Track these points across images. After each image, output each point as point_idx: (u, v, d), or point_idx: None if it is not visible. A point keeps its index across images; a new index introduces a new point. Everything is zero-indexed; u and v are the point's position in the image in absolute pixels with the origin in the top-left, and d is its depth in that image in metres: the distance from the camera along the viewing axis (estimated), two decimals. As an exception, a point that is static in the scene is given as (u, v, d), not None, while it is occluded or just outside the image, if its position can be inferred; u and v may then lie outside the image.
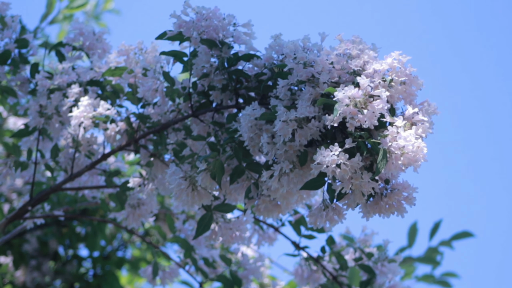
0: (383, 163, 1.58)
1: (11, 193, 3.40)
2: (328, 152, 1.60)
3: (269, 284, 3.12)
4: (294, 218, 2.40)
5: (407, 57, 1.68)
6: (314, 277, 2.46)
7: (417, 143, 1.58)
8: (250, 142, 1.78)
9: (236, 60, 1.93)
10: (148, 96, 2.07)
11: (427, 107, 1.67)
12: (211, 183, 1.83)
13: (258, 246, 2.51)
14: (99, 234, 3.36)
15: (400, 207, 1.66)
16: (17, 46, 2.24)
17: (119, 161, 2.85)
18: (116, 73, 2.15)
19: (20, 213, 2.26)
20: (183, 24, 1.92)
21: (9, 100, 2.27)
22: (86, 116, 2.06)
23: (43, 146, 2.29)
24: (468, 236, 3.44)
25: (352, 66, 1.70)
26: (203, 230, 1.94)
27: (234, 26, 1.95)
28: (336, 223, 1.71)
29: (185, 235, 2.52)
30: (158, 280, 2.40)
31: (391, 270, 2.37)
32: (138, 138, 2.12)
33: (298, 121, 1.68)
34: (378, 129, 1.64)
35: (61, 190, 2.25)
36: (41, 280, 3.38)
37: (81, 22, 2.31)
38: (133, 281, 3.96)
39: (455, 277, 3.52)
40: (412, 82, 1.68)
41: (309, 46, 1.81)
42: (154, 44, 2.14)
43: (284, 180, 1.72)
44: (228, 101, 1.98)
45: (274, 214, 1.89)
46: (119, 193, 2.22)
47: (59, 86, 2.17)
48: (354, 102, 1.61)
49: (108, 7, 4.21)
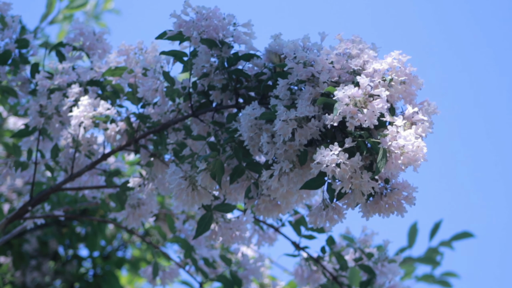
0: (383, 163, 1.58)
1: (11, 193, 3.40)
2: (328, 152, 1.60)
3: (269, 284, 3.12)
4: (294, 218, 2.40)
5: (407, 57, 1.68)
6: (314, 277, 2.46)
7: (417, 143, 1.58)
8: (250, 141, 1.78)
9: (236, 59, 1.93)
10: (148, 96, 2.07)
11: (427, 106, 1.67)
12: (211, 183, 1.83)
13: (258, 246, 2.51)
14: (99, 234, 3.36)
15: (400, 206, 1.66)
16: (18, 46, 2.24)
17: (119, 161, 2.84)
18: (116, 73, 2.15)
19: (20, 213, 2.25)
20: (183, 24, 1.92)
21: (9, 100, 2.27)
22: (86, 116, 2.06)
23: (43, 146, 2.29)
24: (468, 237, 3.44)
25: (352, 65, 1.70)
26: (203, 230, 1.94)
27: (234, 26, 1.95)
28: (336, 223, 1.70)
29: (185, 235, 2.52)
30: (158, 280, 2.40)
31: (391, 270, 2.36)
32: (138, 138, 2.12)
33: (298, 120, 1.68)
34: (378, 129, 1.64)
35: (61, 190, 2.25)
36: (41, 280, 3.38)
37: (81, 22, 2.30)
38: (133, 281, 3.96)
39: (455, 277, 3.52)
40: (412, 82, 1.68)
41: (309, 46, 1.81)
42: (154, 44, 2.14)
43: (284, 179, 1.72)
44: (228, 101, 1.98)
45: (274, 214, 1.89)
46: (119, 193, 2.22)
47: (59, 86, 2.17)
48: (354, 102, 1.61)
49: (108, 7, 4.21)
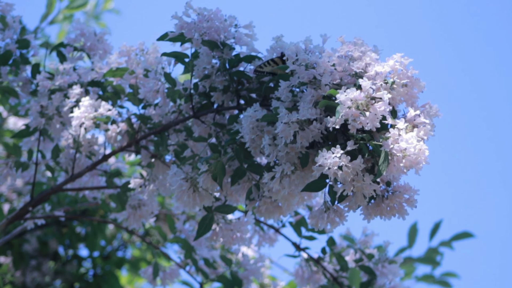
0: (384, 165, 1.58)
1: (12, 193, 3.40)
2: (329, 154, 1.60)
3: (269, 284, 3.12)
4: (295, 219, 2.40)
5: (409, 59, 1.68)
6: (314, 278, 2.46)
7: (419, 146, 1.58)
8: (251, 143, 1.77)
9: (238, 61, 1.93)
10: (149, 97, 2.06)
11: (428, 109, 1.67)
12: (212, 184, 1.83)
13: (259, 247, 2.51)
14: (99, 234, 3.36)
15: (401, 209, 1.66)
16: (18, 47, 2.24)
17: (120, 162, 2.84)
18: (117, 74, 2.15)
19: (20, 213, 2.25)
20: (185, 25, 1.92)
21: (10, 101, 2.27)
22: (87, 117, 2.06)
23: (44, 146, 2.29)
24: (468, 237, 3.44)
25: (354, 68, 1.69)
26: (204, 231, 1.94)
27: (236, 28, 1.95)
28: (337, 225, 1.71)
29: (185, 235, 2.52)
30: (159, 281, 2.40)
31: (392, 271, 2.36)
32: (139, 139, 2.12)
33: (299, 123, 1.68)
34: (380, 131, 1.64)
35: (61, 191, 2.25)
36: (41, 280, 3.38)
37: (82, 22, 2.30)
38: (133, 281, 3.96)
39: (455, 277, 3.52)
40: (414, 84, 1.68)
41: (311, 48, 1.80)
42: (155, 45, 2.14)
43: (285, 181, 1.72)
44: (229, 102, 1.98)
45: (275, 216, 1.89)
46: (119, 194, 2.21)
47: (60, 87, 2.16)
48: (356, 104, 1.61)
49: (108, 7, 4.20)
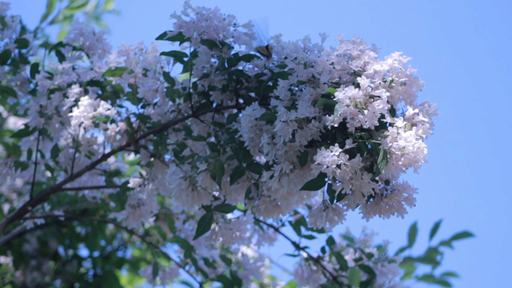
0: (383, 164, 1.58)
1: (11, 193, 3.40)
2: (328, 153, 1.60)
3: (269, 284, 3.12)
4: (294, 218, 2.40)
5: (408, 58, 1.68)
6: (314, 277, 2.46)
7: (418, 144, 1.58)
8: (250, 142, 1.77)
9: (237, 60, 1.93)
10: (148, 97, 2.06)
11: (427, 108, 1.67)
12: (211, 183, 1.83)
13: (258, 246, 2.51)
14: (99, 234, 3.36)
15: (400, 208, 1.66)
16: (17, 46, 2.24)
17: (119, 161, 2.84)
18: (116, 73, 2.15)
19: (20, 213, 2.25)
20: (184, 25, 1.92)
21: (9, 100, 2.27)
22: (86, 116, 2.06)
23: (43, 146, 2.29)
24: (468, 236, 3.44)
25: (353, 66, 1.69)
26: (203, 230, 1.94)
27: (235, 27, 1.95)
28: (336, 224, 1.71)
29: (185, 235, 2.52)
30: (158, 280, 2.40)
31: (391, 270, 2.36)
32: (138, 138, 2.12)
33: (298, 121, 1.68)
34: (379, 130, 1.64)
35: (61, 190, 2.25)
36: (41, 280, 3.38)
37: (81, 22, 2.30)
38: (133, 281, 3.96)
39: (455, 277, 3.51)
40: (413, 83, 1.68)
41: (309, 47, 1.81)
42: (154, 45, 2.14)
43: (284, 180, 1.72)
44: (228, 101, 1.98)
45: (274, 215, 1.89)
46: (119, 193, 2.21)
47: (59, 86, 2.16)
48: (355, 103, 1.61)
49: (109, 8, 4.21)
